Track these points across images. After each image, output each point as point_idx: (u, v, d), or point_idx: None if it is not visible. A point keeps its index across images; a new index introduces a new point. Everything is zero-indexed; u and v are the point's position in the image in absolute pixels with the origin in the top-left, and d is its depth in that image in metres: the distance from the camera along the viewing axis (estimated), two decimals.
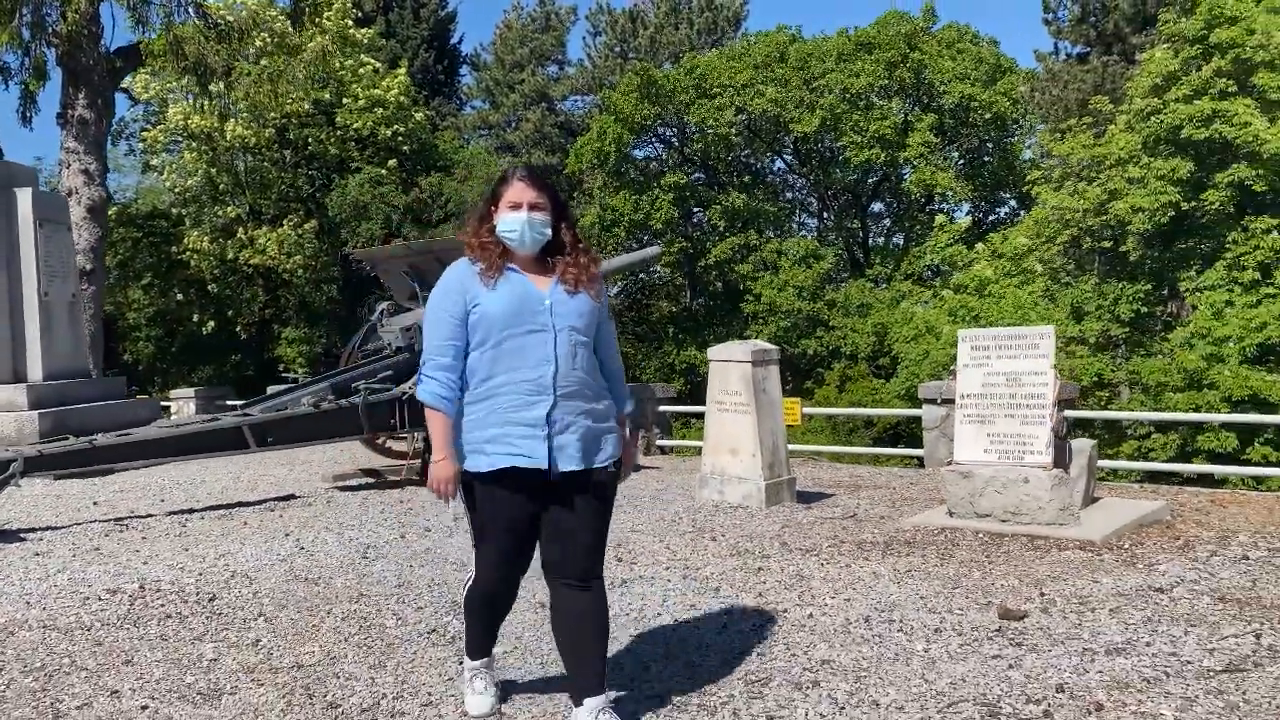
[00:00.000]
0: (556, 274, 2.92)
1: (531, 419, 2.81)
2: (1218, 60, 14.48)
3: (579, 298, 2.91)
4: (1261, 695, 3.17)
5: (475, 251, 2.93)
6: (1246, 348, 13.54)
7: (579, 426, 2.87)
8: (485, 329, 2.84)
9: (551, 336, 2.84)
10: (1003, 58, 24.44)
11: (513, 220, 2.88)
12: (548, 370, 2.83)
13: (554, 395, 2.83)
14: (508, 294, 2.85)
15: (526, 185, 2.91)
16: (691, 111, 24.34)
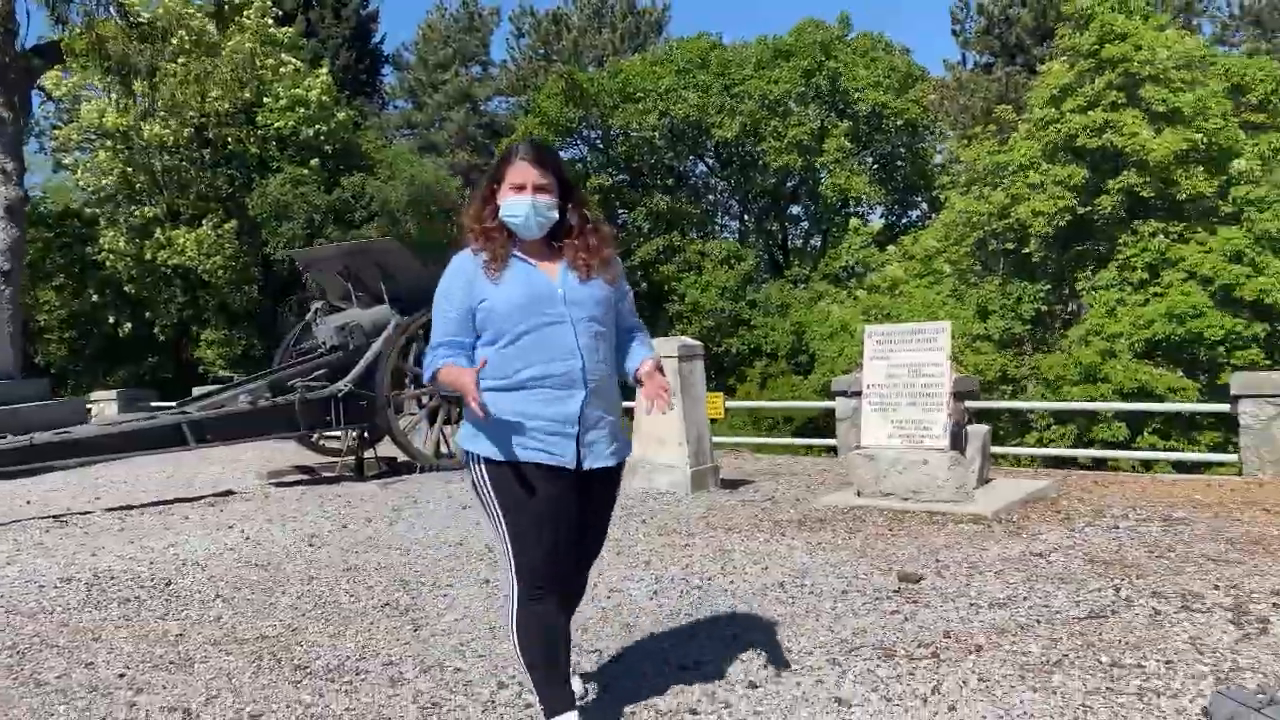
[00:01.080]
0: (566, 259, 2.75)
1: (564, 415, 2.66)
2: (1109, 74, 15.45)
3: (592, 284, 2.74)
4: (1114, 635, 3.69)
5: (479, 240, 2.76)
6: (1136, 343, 14.49)
7: (605, 423, 2.75)
8: (497, 325, 2.68)
9: (571, 328, 2.68)
10: (914, 66, 25.39)
11: (516, 203, 2.70)
12: (576, 364, 2.68)
13: (585, 390, 2.69)
14: (516, 287, 2.68)
15: (530, 165, 2.71)
16: (616, 115, 24.76)
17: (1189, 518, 5.77)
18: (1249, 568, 4.58)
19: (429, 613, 4.30)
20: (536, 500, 2.66)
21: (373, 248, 9.09)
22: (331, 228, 23.86)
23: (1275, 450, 7.43)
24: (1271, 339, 14.60)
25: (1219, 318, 14.12)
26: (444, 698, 3.27)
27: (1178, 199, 15.12)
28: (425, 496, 7.60)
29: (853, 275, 22.89)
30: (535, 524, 2.67)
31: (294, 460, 9.90)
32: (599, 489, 2.80)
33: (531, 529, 2.67)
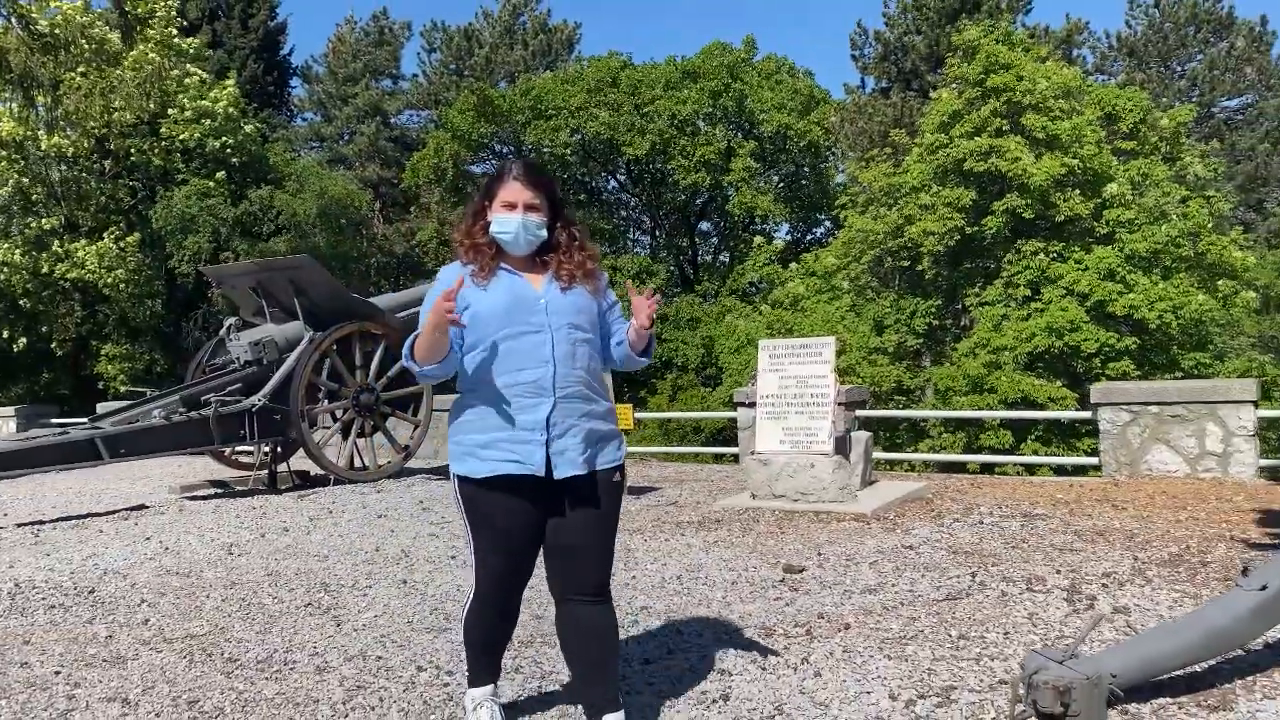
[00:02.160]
0: (550, 270, 2.85)
1: (530, 423, 2.72)
2: (994, 102, 16.41)
3: (575, 293, 2.83)
4: (966, 613, 4.21)
5: (467, 253, 2.85)
6: (1019, 356, 15.41)
7: (580, 429, 2.77)
8: (479, 330, 2.75)
9: (549, 337, 2.75)
10: (817, 89, 26.35)
11: (507, 220, 2.79)
12: (546, 372, 2.74)
13: (554, 397, 2.74)
14: (500, 294, 2.78)
15: (523, 185, 2.80)
16: (528, 131, 25.10)
17: (1046, 514, 6.40)
18: (1087, 555, 5.18)
19: (350, 610, 4.60)
20: (502, 518, 2.75)
21: (286, 264, 9.26)
22: (238, 241, 23.61)
23: (1130, 453, 8.19)
24: (1142, 351, 15.69)
25: (1094, 331, 15.10)
26: (367, 681, 3.60)
27: (1057, 220, 16.12)
28: (340, 507, 7.83)
29: (758, 291, 23.63)
30: (498, 541, 2.79)
31: (206, 475, 9.97)
32: (580, 499, 2.78)
33: (494, 546, 2.80)
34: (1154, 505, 6.65)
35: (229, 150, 24.08)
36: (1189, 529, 5.80)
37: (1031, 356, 15.48)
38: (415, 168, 26.55)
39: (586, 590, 2.82)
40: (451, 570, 5.39)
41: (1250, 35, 28.36)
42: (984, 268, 17.23)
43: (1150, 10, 29.52)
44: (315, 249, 23.72)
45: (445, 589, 4.95)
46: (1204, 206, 16.54)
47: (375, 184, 31.12)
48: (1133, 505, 6.65)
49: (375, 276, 28.90)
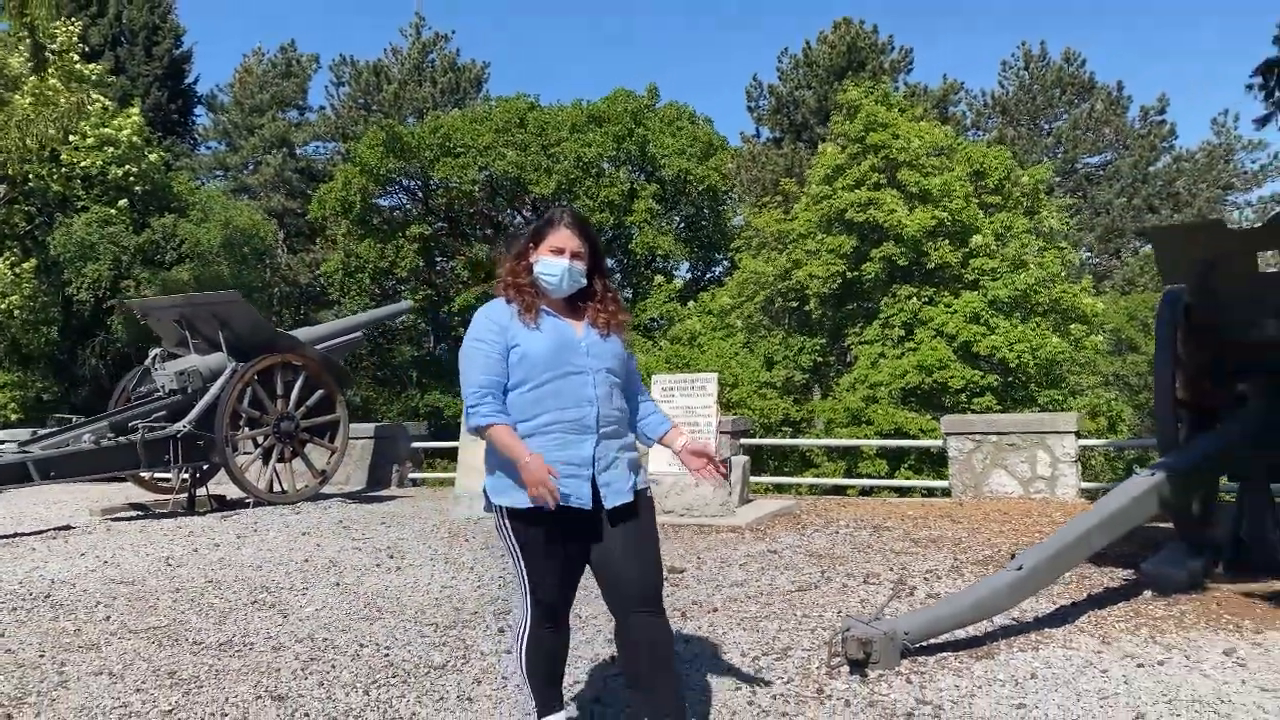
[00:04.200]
0: (588, 318, 3.01)
1: (578, 458, 2.85)
2: (873, 158, 17.88)
3: (611, 341, 3.00)
4: (812, 600, 5.16)
5: (510, 292, 2.98)
6: (894, 391, 16.75)
7: (620, 461, 2.94)
8: (527, 369, 2.88)
9: (591, 378, 2.91)
10: (715, 136, 27.73)
11: (554, 265, 2.93)
12: (590, 411, 2.88)
13: (596, 434, 2.89)
14: (548, 336, 2.91)
15: (573, 233, 2.96)
16: (437, 168, 25.74)
17: (893, 527, 7.46)
18: (918, 556, 6.23)
19: (292, 606, 5.30)
20: (552, 545, 2.87)
21: (212, 299, 9.81)
22: (140, 269, 23.55)
23: (974, 477, 9.37)
24: (1004, 388, 17.22)
25: (961, 369, 16.55)
26: (319, 655, 4.33)
27: (928, 267, 17.61)
28: (265, 526, 8.41)
29: (659, 326, 24.69)
30: (549, 567, 2.89)
31: (123, 499, 10.36)
32: (626, 522, 2.93)
33: (547, 572, 2.89)
34: (986, 520, 7.78)
35: (132, 178, 24.02)
36: (1008, 537, 6.92)
37: (905, 391, 16.84)
38: (322, 200, 26.88)
39: (648, 603, 2.92)
40: (379, 575, 6.12)
41: (1108, 99, 30.99)
42: (864, 309, 18.63)
43: (1020, 72, 31.98)
44: (219, 278, 23.82)
45: (375, 588, 5.68)
46: (1058, 257, 18.26)
47: (280, 214, 31.25)
48: (968, 520, 7.77)
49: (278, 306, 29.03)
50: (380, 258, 26.13)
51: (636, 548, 2.93)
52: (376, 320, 14.33)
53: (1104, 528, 4.65)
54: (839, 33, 25.97)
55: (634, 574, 2.91)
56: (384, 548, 7.15)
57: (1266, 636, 4.33)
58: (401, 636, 4.62)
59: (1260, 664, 3.96)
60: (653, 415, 3.19)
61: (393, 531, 7.98)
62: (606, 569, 2.93)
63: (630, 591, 2.90)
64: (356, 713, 3.59)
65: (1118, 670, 3.91)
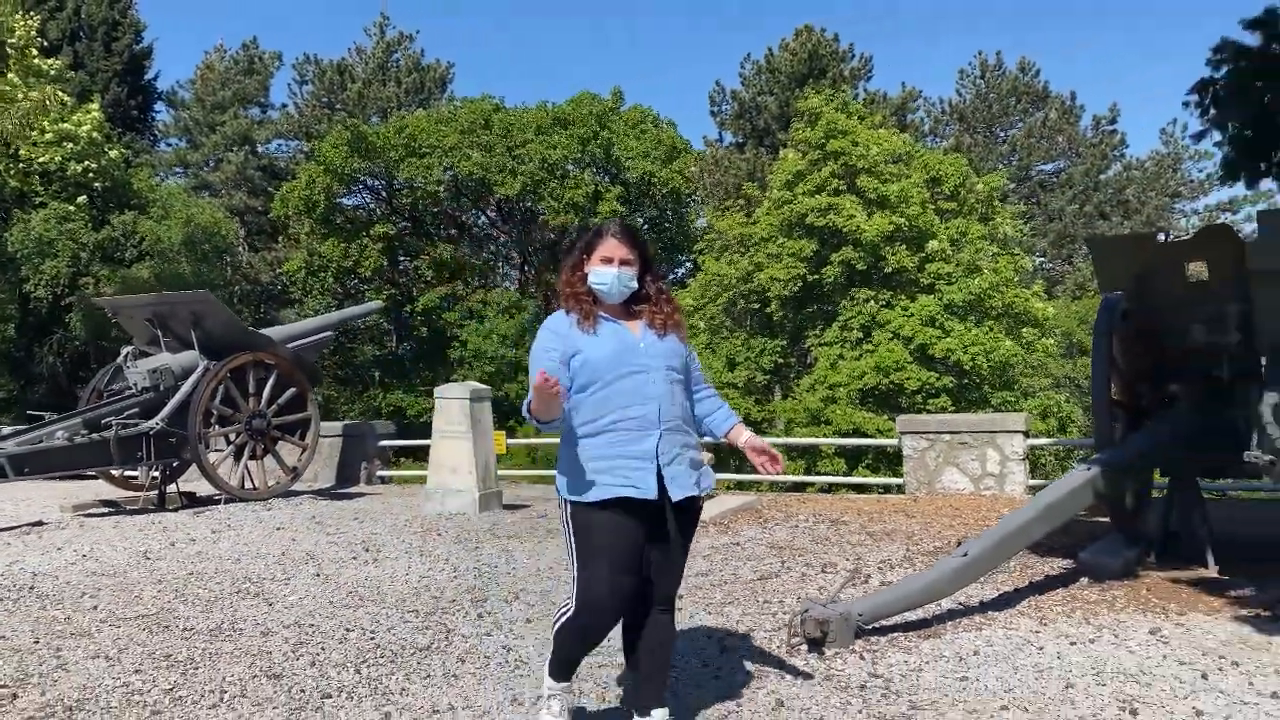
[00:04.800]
0: (645, 320, 3.17)
1: (642, 452, 2.99)
2: (832, 164, 18.34)
3: (668, 340, 3.16)
4: (773, 588, 5.47)
5: (569, 302, 3.17)
6: (852, 392, 17.19)
7: (685, 458, 3.08)
8: (590, 373, 3.04)
9: (651, 376, 3.06)
10: (679, 140, 28.08)
11: (604, 273, 3.12)
12: (654, 407, 3.03)
13: (660, 429, 3.03)
14: (608, 340, 3.08)
15: (619, 242, 3.15)
16: (401, 168, 25.80)
17: (850, 520, 7.81)
18: (873, 548, 6.57)
19: (276, 595, 5.50)
20: (611, 537, 2.97)
21: (185, 299, 9.92)
22: (99, 266, 23.39)
23: (928, 474, 9.76)
24: (959, 389, 17.72)
25: (917, 371, 17.04)
26: (307, 638, 4.56)
27: (886, 271, 18.09)
28: (238, 522, 8.57)
29: None
30: (604, 567, 2.96)
31: (92, 496, 10.42)
32: (681, 521, 3.09)
33: (597, 567, 2.98)
34: (938, 514, 8.15)
35: (91, 174, 23.82)
36: (957, 530, 7.28)
37: (863, 392, 17.30)
38: (285, 198, 26.84)
39: (665, 602, 3.15)
40: (357, 566, 6.34)
41: (1062, 108, 31.82)
42: (824, 312, 19.08)
43: (977, 81, 32.71)
44: (179, 276, 23.72)
45: (355, 579, 5.90)
46: (1011, 263, 18.80)
47: (242, 212, 31.11)
48: (921, 515, 8.14)
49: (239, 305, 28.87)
50: (344, 257, 26.16)
51: (678, 551, 3.11)
52: (347, 319, 14.45)
53: (1042, 519, 5.02)
54: (800, 40, 26.44)
55: (671, 576, 3.14)
56: (359, 541, 7.36)
57: (1189, 618, 4.71)
58: (385, 622, 4.86)
59: (1181, 641, 4.33)
60: (718, 411, 3.33)
61: (366, 526, 8.18)
62: (648, 568, 3.07)
63: (663, 591, 3.13)
64: (349, 690, 3.83)
65: (1052, 647, 4.25)
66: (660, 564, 3.08)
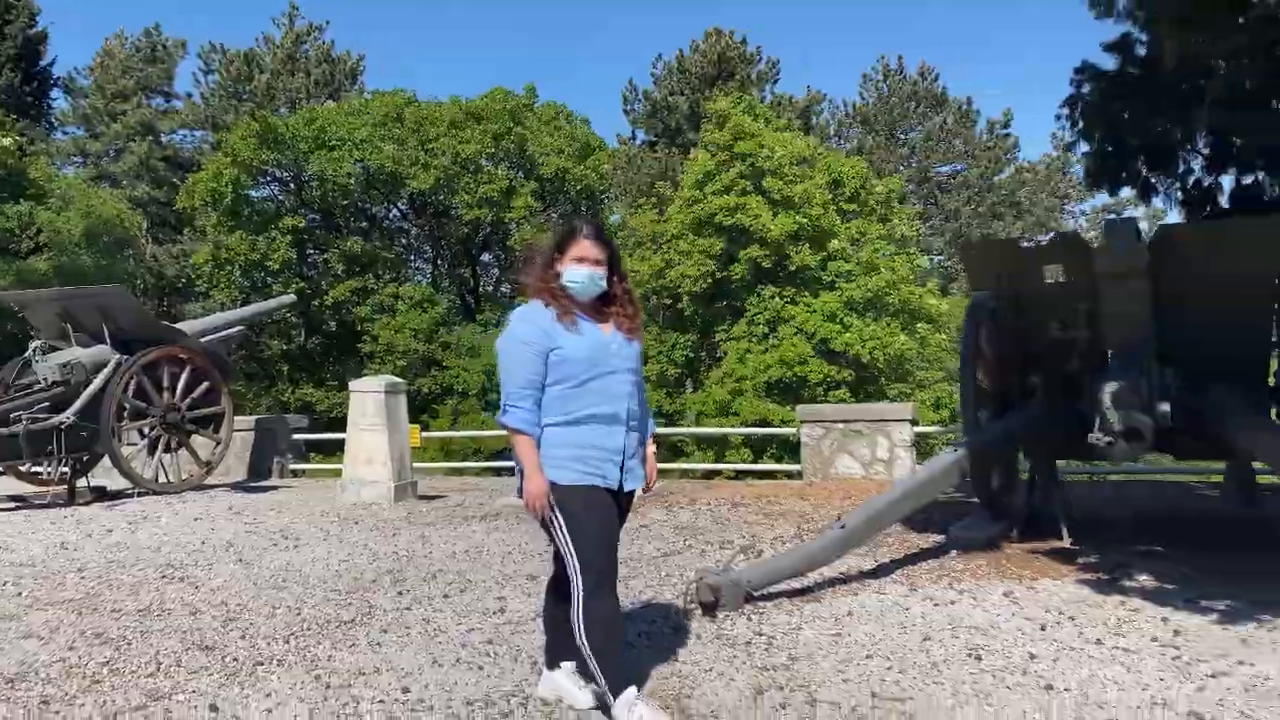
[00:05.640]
0: (614, 323, 3.32)
1: (612, 447, 3.22)
2: (740, 165, 18.96)
3: (634, 344, 3.35)
4: (674, 563, 5.93)
5: (545, 296, 3.28)
6: (758, 384, 17.85)
7: (639, 454, 3.36)
8: (567, 369, 3.18)
9: (620, 378, 3.26)
10: (592, 136, 28.43)
11: (579, 273, 3.25)
12: (622, 406, 3.25)
13: (625, 427, 3.26)
14: (587, 340, 3.22)
15: (594, 244, 3.28)
16: (311, 161, 25.56)
17: (749, 504, 8.34)
18: (768, 527, 7.09)
19: (201, 579, 5.73)
20: (595, 513, 3.20)
21: (95, 293, 9.92)
22: None
23: (823, 461, 10.37)
24: (858, 382, 18.54)
25: (819, 365, 17.79)
26: (236, 616, 4.83)
27: (790, 269, 18.79)
28: (154, 514, 8.66)
29: None
30: (596, 532, 3.20)
31: None
32: (624, 508, 3.41)
33: (593, 536, 3.19)
34: (831, 498, 8.74)
35: None
36: (847, 511, 7.85)
37: (769, 385, 17.97)
38: (191, 190, 26.34)
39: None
40: (277, 553, 6.58)
41: (959, 113, 33.18)
42: (732, 308, 19.71)
43: (880, 85, 33.89)
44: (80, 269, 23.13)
45: (278, 564, 6.16)
46: (907, 262, 19.71)
47: (145, 204, 30.36)
48: (815, 498, 8.72)
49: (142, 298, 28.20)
50: (252, 250, 25.77)
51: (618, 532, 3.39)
52: (260, 314, 14.45)
53: (912, 496, 5.58)
54: (710, 42, 27.08)
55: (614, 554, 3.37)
56: (277, 530, 7.58)
57: (1039, 583, 5.32)
58: (310, 600, 5.15)
59: (1029, 602, 4.92)
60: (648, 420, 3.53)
61: (284, 517, 8.38)
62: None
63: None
64: (279, 658, 4.13)
65: (918, 608, 4.80)
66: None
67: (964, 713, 3.39)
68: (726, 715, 3.37)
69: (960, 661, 3.97)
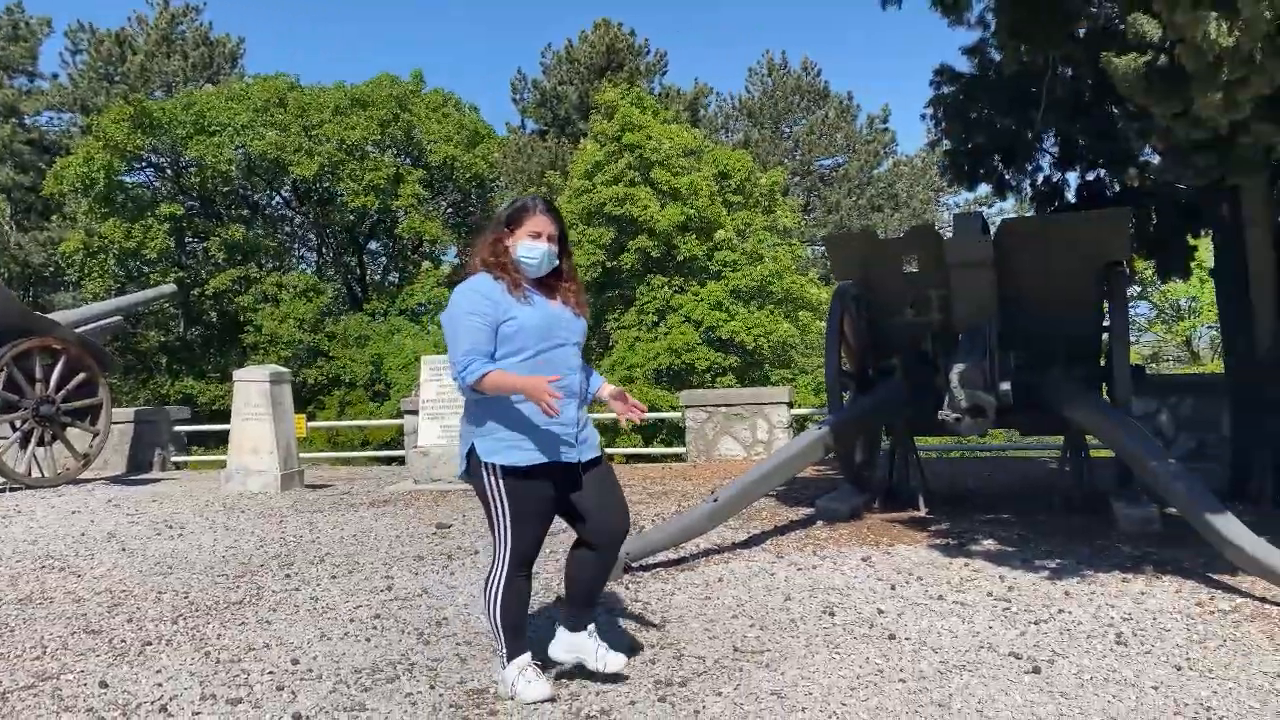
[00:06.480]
0: (560, 297, 3.34)
1: (567, 419, 3.23)
2: (628, 157, 19.25)
3: (580, 319, 3.39)
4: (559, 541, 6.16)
5: (496, 269, 3.25)
6: (648, 371, 18.23)
7: (589, 424, 3.41)
8: (521, 341, 3.18)
9: (570, 350, 3.30)
10: (481, 125, 28.24)
11: (535, 248, 3.25)
12: (574, 379, 3.29)
13: (577, 399, 3.31)
14: (539, 311, 3.24)
15: (549, 219, 3.30)
16: (190, 146, 24.78)
17: (635, 484, 8.66)
18: (651, 505, 7.42)
19: (83, 569, 5.72)
20: (538, 501, 3.23)
21: None
22: None
23: (706, 443, 10.78)
24: (744, 368, 19.11)
25: (706, 352, 18.27)
26: (120, 601, 4.88)
27: (678, 259, 19.21)
28: (28, 508, 8.47)
29: (427, 311, 25.07)
30: (532, 522, 3.24)
31: None
32: (592, 471, 3.36)
33: (529, 526, 3.24)
34: (713, 477, 9.14)
35: None
36: None
37: (658, 372, 18.37)
38: (60, 175, 25.16)
39: (618, 536, 3.41)
40: (161, 541, 6.58)
41: (840, 107, 34.21)
42: (623, 297, 20.02)
43: (765, 79, 34.66)
44: None
45: (162, 551, 6.17)
46: (790, 252, 20.38)
47: (8, 189, 28.85)
48: (697, 477, 9.10)
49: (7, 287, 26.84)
50: (127, 238, 24.82)
51: (611, 489, 3.39)
52: (139, 303, 14.05)
53: (780, 469, 5.98)
54: (599, 33, 27.25)
55: (610, 515, 3.37)
56: (161, 520, 7.54)
57: (895, 549, 5.78)
58: (197, 584, 5.23)
59: (884, 565, 5.36)
60: (592, 377, 3.53)
61: (166, 507, 8.31)
62: (586, 513, 3.33)
63: (614, 525, 3.37)
64: (168, 638, 4.24)
65: (783, 574, 5.18)
66: (604, 502, 3.34)
67: (815, 660, 3.76)
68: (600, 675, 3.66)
69: (816, 618, 4.35)
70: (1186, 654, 3.72)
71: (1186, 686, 3.37)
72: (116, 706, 3.40)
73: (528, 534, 3.25)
